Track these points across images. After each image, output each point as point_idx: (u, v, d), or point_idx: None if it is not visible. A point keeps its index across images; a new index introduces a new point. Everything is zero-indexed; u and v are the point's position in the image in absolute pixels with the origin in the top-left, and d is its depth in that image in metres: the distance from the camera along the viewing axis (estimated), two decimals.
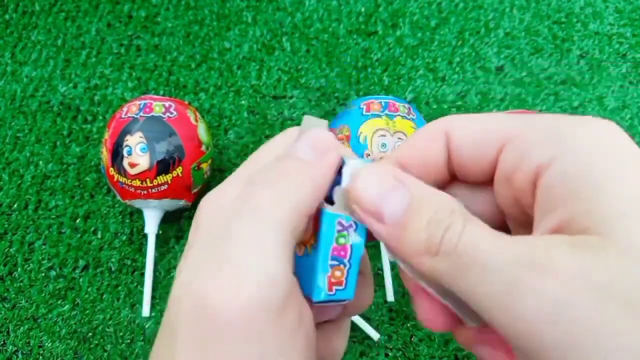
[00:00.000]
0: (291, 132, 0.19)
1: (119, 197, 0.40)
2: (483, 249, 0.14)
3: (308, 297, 0.17)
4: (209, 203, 0.18)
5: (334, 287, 0.17)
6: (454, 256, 0.15)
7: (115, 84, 0.48)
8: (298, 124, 0.20)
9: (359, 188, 0.17)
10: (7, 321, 0.39)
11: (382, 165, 0.17)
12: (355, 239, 0.17)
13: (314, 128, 0.19)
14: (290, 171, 0.17)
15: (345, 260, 0.17)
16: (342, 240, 0.17)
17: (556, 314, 0.13)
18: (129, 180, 0.36)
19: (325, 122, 0.19)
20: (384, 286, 0.38)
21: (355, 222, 0.17)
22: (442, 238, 0.15)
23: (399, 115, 0.37)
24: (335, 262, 0.17)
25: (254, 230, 0.16)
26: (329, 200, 0.18)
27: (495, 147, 0.16)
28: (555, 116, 0.15)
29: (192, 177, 0.38)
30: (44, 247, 0.42)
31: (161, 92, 0.48)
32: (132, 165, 0.36)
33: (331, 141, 0.18)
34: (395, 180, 0.16)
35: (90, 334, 0.38)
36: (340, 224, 0.17)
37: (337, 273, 0.17)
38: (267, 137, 0.45)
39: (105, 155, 0.38)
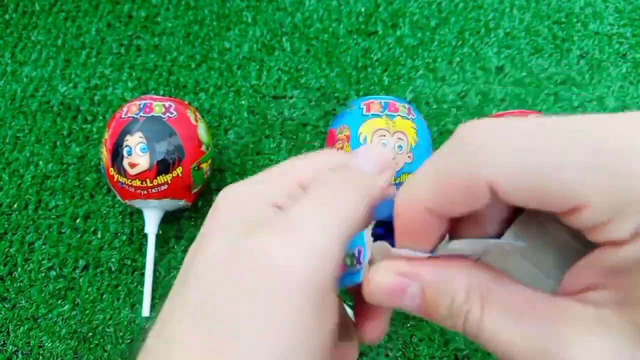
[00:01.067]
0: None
1: (119, 197, 0.40)
2: (503, 340, 0.15)
3: None
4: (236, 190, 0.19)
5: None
6: (481, 340, 0.15)
7: (115, 84, 0.48)
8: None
9: (371, 292, 0.17)
10: (7, 321, 0.39)
11: (386, 265, 0.17)
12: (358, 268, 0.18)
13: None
14: (354, 181, 0.18)
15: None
16: (347, 261, 0.18)
17: None
18: (129, 180, 0.36)
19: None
20: None
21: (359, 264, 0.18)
22: (464, 327, 0.15)
23: (399, 115, 0.37)
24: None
25: (317, 219, 0.17)
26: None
27: (565, 209, 0.13)
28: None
29: (192, 177, 0.38)
30: (44, 247, 0.42)
31: (161, 92, 0.48)
32: (132, 165, 0.36)
33: (390, 160, 0.19)
34: (403, 277, 0.16)
35: (90, 334, 0.38)
36: (357, 250, 0.18)
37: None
38: (267, 137, 0.45)
39: (105, 155, 0.38)
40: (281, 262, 0.15)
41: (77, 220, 0.43)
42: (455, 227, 0.17)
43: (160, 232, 0.42)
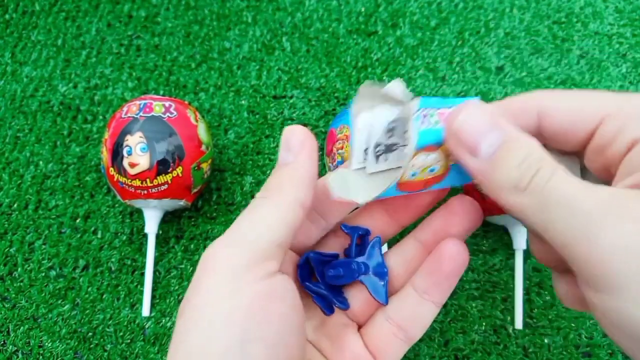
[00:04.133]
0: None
1: (119, 197, 0.40)
2: (569, 192, 0.16)
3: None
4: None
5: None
6: (541, 195, 0.16)
7: (115, 84, 0.48)
8: (298, 124, 0.22)
9: (459, 121, 0.18)
10: (7, 321, 0.39)
11: (483, 105, 0.19)
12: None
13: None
14: (280, 179, 0.21)
15: None
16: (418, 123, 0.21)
17: (633, 248, 0.14)
18: (129, 180, 0.36)
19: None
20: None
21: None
22: (532, 178, 0.17)
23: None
24: None
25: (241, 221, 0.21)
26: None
27: (594, 123, 0.18)
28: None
29: (192, 177, 0.38)
30: (44, 247, 0.42)
31: (161, 92, 0.48)
32: (132, 165, 0.36)
33: (301, 136, 0.22)
34: (494, 119, 0.18)
35: (90, 333, 0.38)
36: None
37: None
38: (267, 137, 0.45)
39: (105, 155, 0.38)
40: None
41: (77, 220, 0.43)
42: None
43: (160, 232, 0.42)
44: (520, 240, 0.37)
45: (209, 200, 0.43)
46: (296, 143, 0.21)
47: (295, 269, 0.25)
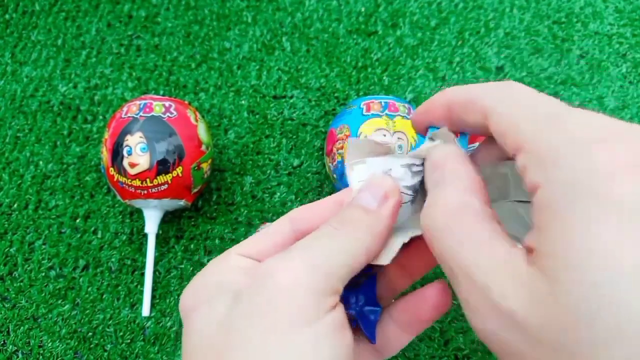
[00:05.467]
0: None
1: (119, 197, 0.40)
2: (464, 256, 0.16)
3: None
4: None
5: None
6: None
7: (115, 84, 0.48)
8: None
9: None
10: (7, 321, 0.39)
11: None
12: None
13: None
14: (352, 222, 0.20)
15: None
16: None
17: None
18: (129, 180, 0.36)
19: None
20: None
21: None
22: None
23: (399, 115, 0.37)
24: None
25: (304, 254, 0.19)
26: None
27: (512, 150, 0.17)
28: (561, 132, 0.16)
29: (192, 177, 0.38)
30: (44, 246, 0.42)
31: (161, 92, 0.48)
32: (132, 165, 0.36)
33: (390, 185, 0.21)
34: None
35: (90, 333, 0.38)
36: None
37: None
38: (267, 137, 0.45)
39: (105, 155, 0.38)
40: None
41: (77, 220, 0.43)
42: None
43: (160, 232, 0.42)
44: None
45: (209, 200, 0.43)
46: (384, 191, 0.21)
47: None
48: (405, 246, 0.21)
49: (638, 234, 0.13)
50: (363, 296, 0.23)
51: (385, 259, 0.20)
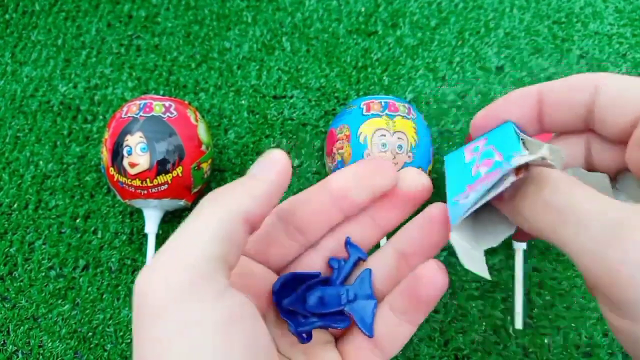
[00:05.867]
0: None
1: (119, 197, 0.40)
2: (586, 207, 0.16)
3: None
4: None
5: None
6: (559, 211, 0.16)
7: (115, 84, 0.48)
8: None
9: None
10: (7, 321, 0.39)
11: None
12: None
13: None
14: (232, 187, 0.19)
15: None
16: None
17: None
18: (129, 180, 0.36)
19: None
20: None
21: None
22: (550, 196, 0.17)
23: (399, 115, 0.37)
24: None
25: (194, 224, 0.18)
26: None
27: (635, 117, 0.17)
28: None
29: (192, 177, 0.38)
30: (44, 246, 0.42)
31: (161, 92, 0.48)
32: (132, 165, 0.36)
33: (276, 156, 0.20)
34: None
35: (90, 333, 0.38)
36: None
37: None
38: (267, 137, 0.45)
39: (105, 155, 0.38)
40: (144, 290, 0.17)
41: (77, 220, 0.43)
42: None
43: (160, 232, 0.42)
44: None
45: None
46: (268, 161, 0.20)
47: (269, 290, 0.23)
48: (409, 235, 0.21)
49: None
50: (355, 290, 0.23)
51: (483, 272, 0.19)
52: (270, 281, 0.23)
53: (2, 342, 0.39)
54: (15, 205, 0.43)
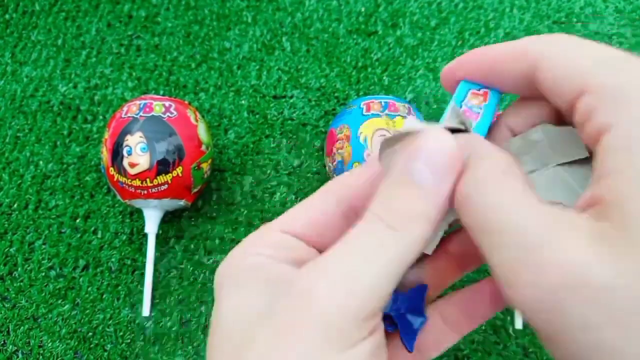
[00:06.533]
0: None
1: (119, 197, 0.40)
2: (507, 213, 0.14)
3: None
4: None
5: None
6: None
7: (115, 84, 0.48)
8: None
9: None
10: (7, 321, 0.39)
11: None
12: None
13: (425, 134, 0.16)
14: (414, 205, 0.16)
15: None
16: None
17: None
18: (129, 180, 0.36)
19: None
20: None
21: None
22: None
23: (399, 115, 0.37)
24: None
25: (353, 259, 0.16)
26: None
27: (574, 93, 0.15)
28: (633, 69, 0.14)
29: (192, 177, 0.38)
30: (44, 246, 0.42)
31: (161, 92, 0.48)
32: (132, 165, 0.36)
33: (451, 158, 0.16)
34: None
35: (90, 333, 0.38)
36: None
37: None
38: (267, 137, 0.45)
39: (105, 155, 0.38)
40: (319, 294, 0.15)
41: (77, 220, 0.43)
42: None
43: (160, 232, 0.42)
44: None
45: (209, 200, 0.43)
46: (443, 163, 0.16)
47: None
48: (451, 232, 0.19)
49: None
50: (407, 301, 0.21)
51: (428, 249, 0.18)
52: None
53: (2, 342, 0.39)
54: (15, 205, 0.43)
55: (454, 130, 0.17)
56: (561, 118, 0.19)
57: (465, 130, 0.18)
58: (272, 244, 0.18)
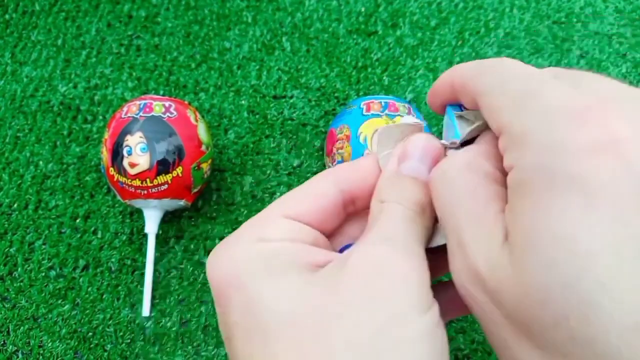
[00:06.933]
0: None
1: (119, 197, 0.40)
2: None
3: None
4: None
5: None
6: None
7: (115, 84, 0.48)
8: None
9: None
10: (7, 321, 0.39)
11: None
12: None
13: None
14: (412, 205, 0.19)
15: None
16: None
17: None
18: (129, 180, 0.36)
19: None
20: None
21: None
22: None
23: (399, 115, 0.37)
24: None
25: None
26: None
27: (498, 130, 0.17)
28: (536, 108, 0.15)
29: (192, 177, 0.38)
30: (44, 247, 0.42)
31: (161, 92, 0.48)
32: (132, 165, 0.36)
33: (436, 146, 0.20)
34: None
35: (90, 333, 0.38)
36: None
37: None
38: (267, 137, 0.45)
39: (105, 155, 0.38)
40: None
41: (77, 220, 0.43)
42: None
43: (160, 232, 0.42)
44: None
45: (209, 200, 0.43)
46: (433, 157, 0.20)
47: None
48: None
49: (593, 218, 0.13)
50: None
51: (440, 240, 0.19)
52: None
53: (2, 342, 0.39)
54: (15, 205, 0.43)
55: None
56: None
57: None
58: (282, 230, 0.19)
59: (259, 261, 0.17)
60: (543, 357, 0.14)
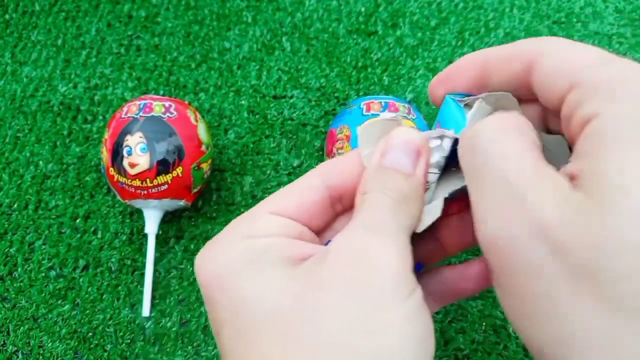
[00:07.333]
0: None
1: (119, 197, 0.40)
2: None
3: None
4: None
5: None
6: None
7: (115, 84, 0.48)
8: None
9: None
10: (7, 321, 0.39)
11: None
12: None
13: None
14: (396, 192, 0.19)
15: None
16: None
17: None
18: (129, 180, 0.36)
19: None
20: None
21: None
22: None
23: (399, 115, 0.37)
24: None
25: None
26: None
27: (564, 88, 0.17)
28: (619, 67, 0.16)
29: (192, 177, 0.38)
30: (44, 247, 0.42)
31: (161, 92, 0.48)
32: (132, 165, 0.36)
33: (420, 139, 0.20)
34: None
35: (90, 333, 0.38)
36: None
37: None
38: (267, 137, 0.45)
39: (105, 155, 0.38)
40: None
41: (77, 220, 0.43)
42: None
43: (160, 232, 0.42)
44: None
45: (209, 200, 0.43)
46: (417, 147, 0.19)
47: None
48: (439, 220, 0.20)
49: None
50: None
51: (427, 220, 0.19)
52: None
53: (2, 342, 0.39)
54: (15, 206, 0.43)
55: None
56: (546, 123, 0.21)
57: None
58: (269, 226, 0.19)
59: (243, 259, 0.18)
60: (602, 313, 0.13)
